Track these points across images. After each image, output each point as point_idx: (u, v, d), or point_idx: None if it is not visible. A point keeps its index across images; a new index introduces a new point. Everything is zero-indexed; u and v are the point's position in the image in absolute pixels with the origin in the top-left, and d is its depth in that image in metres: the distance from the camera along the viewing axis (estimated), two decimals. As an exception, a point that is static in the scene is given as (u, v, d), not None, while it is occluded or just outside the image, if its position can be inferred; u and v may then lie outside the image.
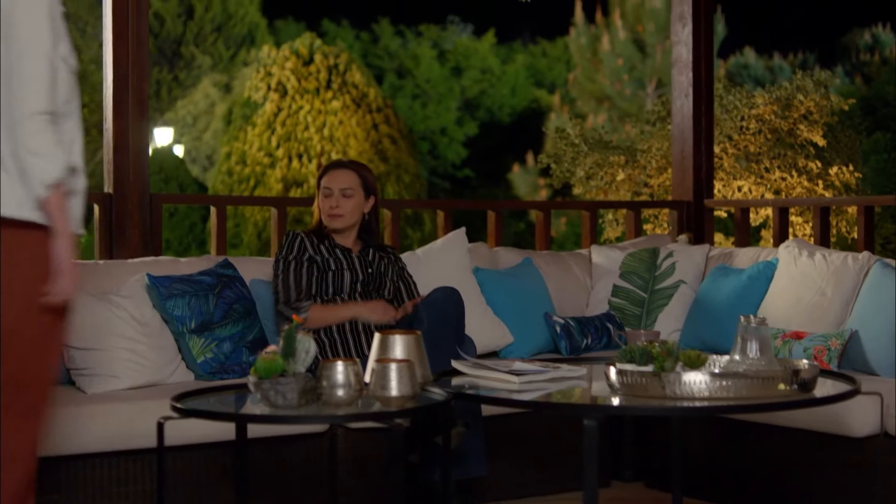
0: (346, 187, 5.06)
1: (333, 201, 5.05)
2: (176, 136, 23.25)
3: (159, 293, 4.81)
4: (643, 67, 23.33)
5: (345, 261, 5.02)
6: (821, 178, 8.26)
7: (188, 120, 24.16)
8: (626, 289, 5.93)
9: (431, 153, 28.17)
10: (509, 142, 28.39)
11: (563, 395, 3.86)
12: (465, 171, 28.51)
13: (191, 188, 16.06)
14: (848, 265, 5.27)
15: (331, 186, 5.07)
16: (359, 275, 5.01)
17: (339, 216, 5.04)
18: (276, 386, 3.41)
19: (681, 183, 6.92)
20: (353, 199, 5.06)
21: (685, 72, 6.88)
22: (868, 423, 4.47)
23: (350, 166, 5.13)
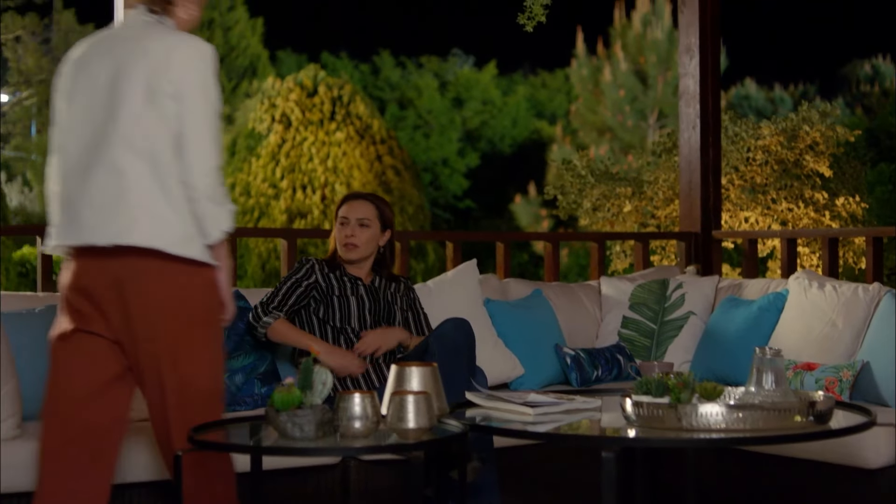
0: (363, 217, 5.07)
1: (349, 230, 5.05)
2: (179, 167, 23.30)
3: None
4: (645, 99, 23.39)
5: (351, 288, 5.02)
6: (827, 209, 8.27)
7: (190, 151, 24.18)
8: (635, 320, 5.94)
9: (433, 184, 28.21)
10: (511, 173, 28.44)
11: (579, 427, 3.86)
12: (466, 201, 28.54)
13: (194, 219, 16.06)
14: (858, 296, 5.28)
15: (348, 216, 5.08)
16: (365, 302, 5.01)
17: (355, 246, 5.04)
18: (293, 418, 3.41)
19: (689, 214, 6.93)
20: (370, 230, 5.06)
21: (692, 104, 6.91)
22: (882, 454, 4.47)
23: (368, 198, 5.14)
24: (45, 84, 22.98)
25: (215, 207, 3.43)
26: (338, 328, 4.95)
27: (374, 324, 4.99)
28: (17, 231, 12.85)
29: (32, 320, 4.67)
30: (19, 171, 24.34)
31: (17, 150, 24.46)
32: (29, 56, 22.11)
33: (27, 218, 22.28)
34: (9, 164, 24.11)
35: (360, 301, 5.01)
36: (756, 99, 26.70)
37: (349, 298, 5.00)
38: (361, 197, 5.15)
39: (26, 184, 24.00)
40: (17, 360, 4.45)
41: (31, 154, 24.42)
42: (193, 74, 3.44)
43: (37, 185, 23.68)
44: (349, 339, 4.95)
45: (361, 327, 4.97)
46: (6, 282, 13.26)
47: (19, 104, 23.18)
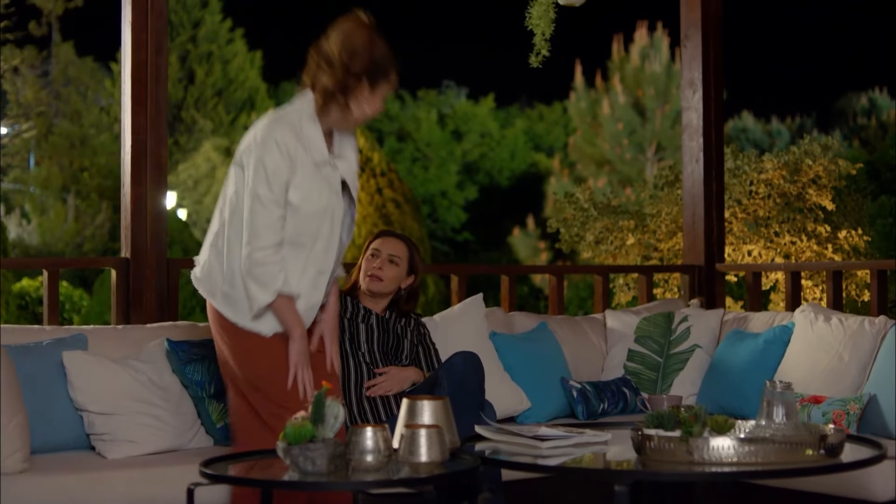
0: (395, 255, 5.09)
1: (378, 263, 5.07)
2: (178, 199, 23.32)
3: (178, 358, 4.82)
4: (643, 131, 23.45)
5: (363, 316, 5.03)
6: (830, 242, 8.29)
7: (189, 183, 24.25)
8: (641, 353, 5.94)
9: (431, 216, 28.25)
10: (509, 205, 28.48)
11: (590, 461, 3.85)
12: (464, 234, 28.58)
13: (195, 251, 16.06)
14: (864, 329, 5.28)
15: (380, 249, 5.11)
16: (374, 332, 5.02)
17: (380, 280, 5.06)
18: (305, 452, 3.41)
19: (692, 247, 6.94)
20: (398, 268, 5.09)
21: (695, 137, 6.93)
22: (889, 488, 4.47)
23: (403, 240, 5.19)
24: (44, 116, 23.04)
25: (251, 283, 3.94)
26: (348, 350, 4.96)
27: (381, 355, 5.00)
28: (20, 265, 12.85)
29: (40, 353, 4.67)
30: (18, 203, 24.35)
31: (16, 182, 24.47)
32: (28, 88, 22.14)
33: (25, 250, 22.27)
34: (7, 197, 24.12)
35: (369, 330, 5.02)
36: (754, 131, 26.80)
37: (359, 325, 5.01)
38: (397, 236, 5.19)
39: (24, 216, 24.00)
40: (25, 392, 4.45)
41: (30, 186, 24.44)
42: (251, 157, 3.95)
43: (35, 217, 23.69)
44: (358, 363, 4.95)
45: (370, 357, 4.97)
46: (6, 314, 13.25)
47: (18, 136, 23.20)
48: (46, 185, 23.97)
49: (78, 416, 4.63)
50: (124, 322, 5.47)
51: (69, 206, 23.43)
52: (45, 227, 23.35)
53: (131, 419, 4.60)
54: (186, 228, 16.29)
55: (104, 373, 4.66)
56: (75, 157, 23.81)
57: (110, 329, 5.07)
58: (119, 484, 4.28)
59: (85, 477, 4.26)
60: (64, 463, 4.39)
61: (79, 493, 4.20)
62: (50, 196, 23.98)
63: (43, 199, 24.07)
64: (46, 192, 23.99)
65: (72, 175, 23.83)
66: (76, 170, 23.82)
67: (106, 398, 4.61)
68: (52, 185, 23.88)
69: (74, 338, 4.83)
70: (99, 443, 4.59)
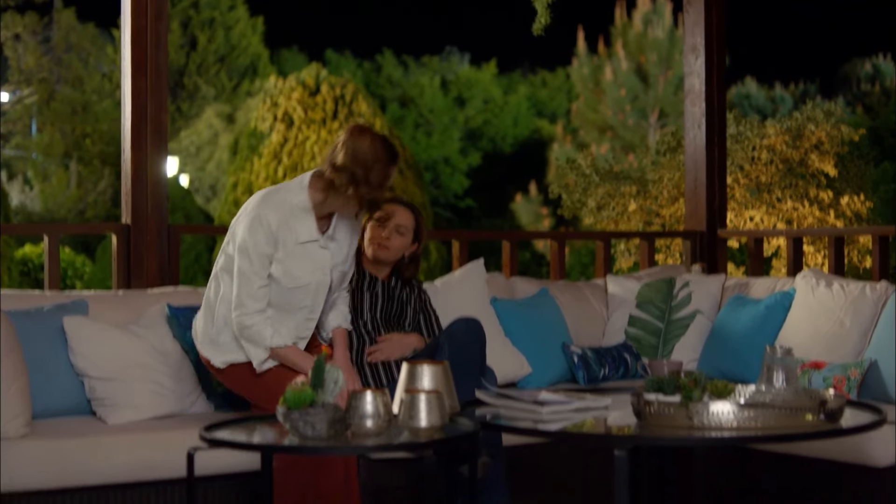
0: (402, 226, 5.07)
1: (386, 233, 5.05)
2: (180, 166, 23.29)
3: (179, 323, 4.82)
4: (646, 98, 23.38)
5: (368, 284, 5.03)
6: (832, 208, 8.27)
7: (192, 150, 24.22)
8: (642, 319, 5.94)
9: (434, 183, 28.20)
10: (512, 172, 28.42)
11: (591, 426, 3.86)
12: (467, 200, 28.54)
13: (197, 218, 16.09)
14: (866, 295, 5.28)
15: (388, 218, 5.08)
16: (379, 300, 5.02)
17: (386, 248, 5.05)
18: (305, 416, 3.41)
19: (694, 213, 6.93)
20: (404, 238, 5.08)
21: (698, 103, 6.90)
22: (889, 453, 4.47)
23: (412, 209, 5.15)
24: (46, 83, 22.98)
25: (245, 344, 4.33)
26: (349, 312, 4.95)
27: (384, 323, 4.99)
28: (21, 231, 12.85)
29: (40, 318, 4.68)
30: (20, 169, 24.34)
31: (18, 149, 24.45)
32: (29, 55, 22.09)
33: (28, 217, 22.27)
34: (9, 163, 24.11)
35: (373, 298, 5.02)
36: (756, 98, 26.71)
37: (364, 293, 5.01)
38: (406, 205, 5.15)
39: (27, 183, 23.99)
40: (25, 358, 4.45)
41: (32, 153, 24.42)
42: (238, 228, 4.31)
43: (37, 184, 23.69)
44: (360, 332, 4.95)
45: (372, 325, 4.97)
46: (8, 280, 13.26)
47: (20, 103, 23.16)
48: (49, 151, 23.95)
49: (79, 381, 4.64)
50: (125, 287, 5.47)
51: (71, 173, 23.43)
52: (48, 194, 23.35)
53: (132, 385, 4.60)
54: (189, 195, 16.28)
55: (105, 338, 4.66)
56: (77, 123, 23.78)
57: (111, 295, 5.07)
58: (120, 448, 4.28)
59: (86, 441, 4.26)
60: (65, 428, 4.39)
61: (80, 457, 4.22)
62: (52, 162, 23.97)
63: (45, 166, 24.06)
64: (49, 158, 23.98)
65: (74, 141, 23.80)
66: (78, 136, 23.79)
67: (107, 364, 4.61)
68: (55, 152, 23.86)
69: (75, 303, 4.83)
70: (100, 408, 4.59)
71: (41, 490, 4.16)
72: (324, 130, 17.52)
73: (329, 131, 17.50)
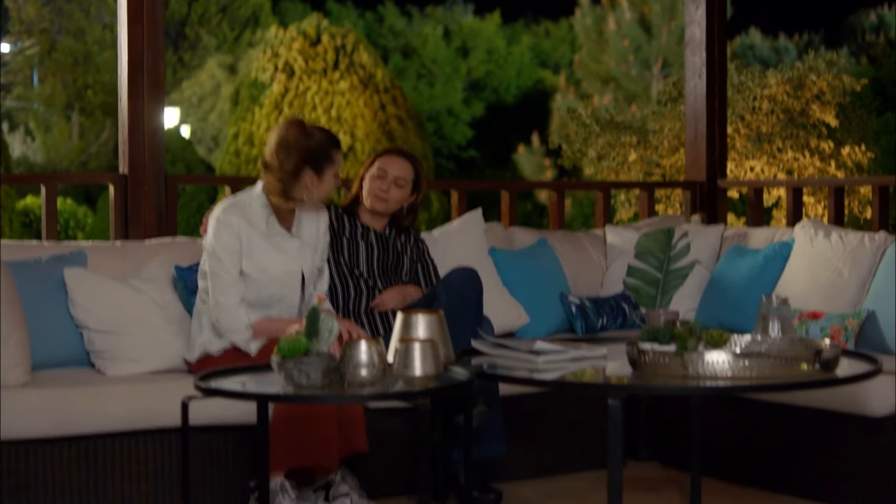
0: (401, 178, 5.06)
1: (385, 185, 5.04)
2: (182, 116, 23.24)
3: (186, 287, 4.82)
4: (649, 48, 23.25)
5: (362, 234, 5.02)
6: (833, 158, 8.24)
7: (193, 101, 24.15)
8: (641, 269, 5.93)
9: (437, 133, 28.12)
10: (515, 122, 28.32)
11: (586, 375, 3.86)
12: (470, 151, 28.46)
13: (198, 169, 16.06)
14: (864, 245, 5.26)
15: (387, 171, 5.06)
16: (374, 250, 5.01)
17: (385, 201, 5.04)
18: (299, 365, 3.42)
19: (694, 163, 6.91)
20: (403, 190, 5.06)
21: (698, 52, 6.86)
22: (886, 403, 4.48)
23: (411, 160, 5.13)
24: (47, 33, 22.90)
25: (229, 335, 4.46)
26: (346, 270, 4.95)
27: (380, 272, 4.99)
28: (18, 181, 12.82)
29: (39, 269, 4.67)
30: (21, 120, 24.29)
31: (20, 100, 24.40)
32: (30, 5, 22.00)
33: (30, 168, 22.25)
34: (11, 115, 24.06)
35: (369, 247, 5.01)
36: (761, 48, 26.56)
37: (359, 243, 5.00)
38: (404, 156, 5.13)
39: (28, 134, 23.96)
40: (24, 309, 4.46)
41: (34, 103, 24.37)
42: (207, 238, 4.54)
43: (39, 135, 23.65)
44: (357, 283, 4.95)
45: (369, 275, 4.97)
46: (10, 231, 13.26)
47: (21, 53, 23.10)
48: (50, 102, 23.90)
49: (78, 333, 4.65)
50: (123, 238, 5.47)
51: (73, 124, 23.40)
52: (50, 145, 23.33)
53: (131, 337, 4.61)
54: (189, 146, 16.23)
55: (105, 291, 4.66)
56: (79, 74, 23.70)
57: (109, 245, 5.07)
58: (118, 397, 4.30)
59: (85, 391, 4.29)
60: (64, 378, 4.41)
61: (79, 406, 4.24)
62: (54, 114, 23.92)
63: (47, 117, 24.01)
64: (50, 109, 23.93)
65: (75, 92, 23.74)
66: (80, 87, 23.72)
67: (106, 316, 4.62)
68: (56, 103, 23.81)
69: (73, 254, 4.82)
70: (99, 360, 4.60)
71: (40, 438, 4.19)
72: (325, 81, 17.44)
73: (330, 81, 17.42)
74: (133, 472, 4.33)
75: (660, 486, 5.08)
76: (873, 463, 4.54)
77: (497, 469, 4.95)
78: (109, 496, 4.30)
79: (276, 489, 4.13)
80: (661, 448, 5.48)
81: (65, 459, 4.24)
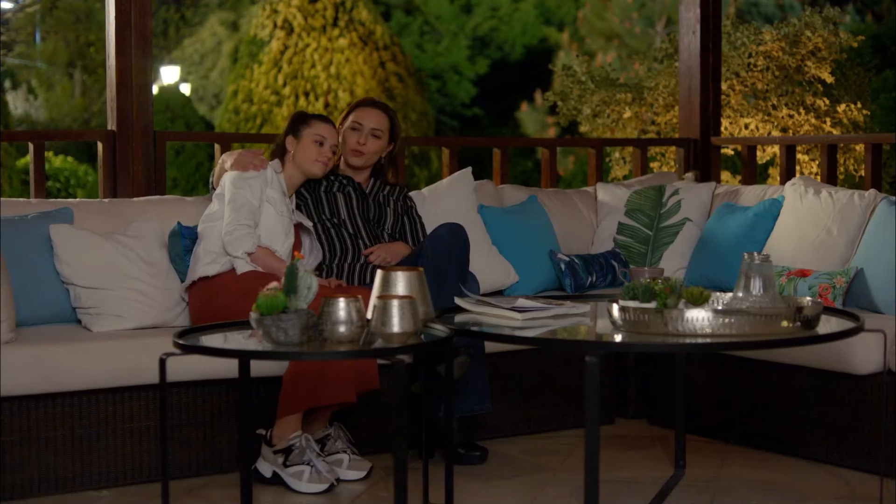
0: (377, 129, 5.06)
1: (361, 138, 5.03)
2: (183, 74, 23.16)
3: (183, 245, 4.83)
4: (653, 5, 23.12)
5: (339, 186, 5.01)
6: (829, 116, 8.19)
7: (195, 58, 24.06)
8: (631, 226, 5.91)
9: (440, 91, 28.02)
10: (519, 80, 28.21)
11: (566, 332, 3.86)
12: (474, 109, 28.36)
13: (198, 126, 16.00)
14: (854, 203, 5.24)
15: (362, 123, 5.05)
16: (353, 198, 5.00)
17: (362, 154, 5.03)
18: (277, 322, 3.41)
19: (688, 120, 6.87)
20: (380, 141, 5.06)
21: (692, 8, 6.81)
22: (872, 361, 4.48)
23: (384, 110, 5.13)
24: (49, -10, 22.79)
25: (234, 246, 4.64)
26: (328, 223, 4.94)
27: (363, 223, 4.98)
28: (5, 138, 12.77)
29: (24, 226, 4.67)
30: (24, 78, 24.23)
31: (22, 58, 24.33)
32: (32, -39, 21.90)
33: (32, 126, 22.21)
34: (13, 72, 23.99)
35: (347, 197, 5.01)
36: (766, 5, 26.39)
37: (335, 195, 5.00)
38: (378, 107, 5.13)
39: (31, 92, 23.90)
40: (11, 266, 4.46)
41: (36, 61, 24.29)
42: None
43: (42, 93, 23.59)
44: (340, 232, 4.94)
45: (352, 223, 4.96)
46: (10, 189, 13.25)
47: (22, 11, 23.00)
48: (52, 60, 23.82)
49: (64, 289, 4.65)
50: (111, 196, 5.46)
51: (76, 82, 23.33)
52: (52, 103, 23.27)
53: (117, 294, 4.61)
54: (189, 103, 16.18)
55: (91, 247, 4.66)
56: (81, 31, 23.59)
57: (96, 202, 5.06)
58: (104, 354, 4.31)
59: (69, 347, 4.30)
60: (50, 335, 4.42)
61: (64, 362, 4.25)
62: (56, 71, 23.85)
63: (49, 75, 23.94)
64: (53, 67, 23.85)
65: (78, 50, 23.66)
66: (82, 45, 23.62)
67: (92, 272, 4.62)
68: (59, 61, 23.73)
69: (60, 211, 4.82)
70: (85, 316, 4.61)
71: (24, 395, 4.21)
72: (324, 38, 17.37)
73: (329, 39, 17.35)
74: (118, 429, 4.35)
75: (646, 444, 5.09)
76: (858, 421, 4.55)
77: (483, 426, 4.97)
78: (94, 453, 4.32)
79: (302, 445, 4.29)
80: (649, 406, 5.49)
81: (49, 416, 4.25)
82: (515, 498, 4.30)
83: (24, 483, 4.22)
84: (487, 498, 4.31)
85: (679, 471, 4.42)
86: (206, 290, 4.62)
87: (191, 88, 23.08)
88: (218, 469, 4.52)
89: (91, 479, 4.32)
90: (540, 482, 4.49)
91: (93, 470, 4.32)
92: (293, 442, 4.31)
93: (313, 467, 4.28)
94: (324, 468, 4.30)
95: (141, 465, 4.39)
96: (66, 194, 15.01)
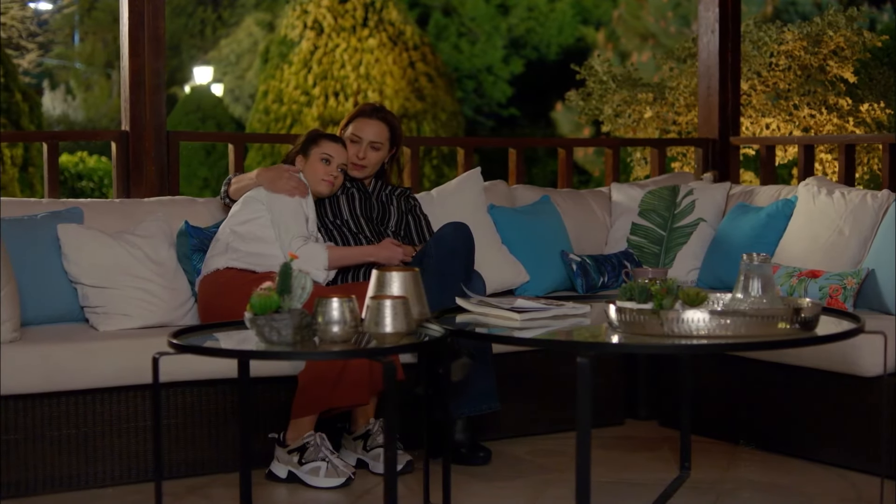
0: (376, 141, 5.04)
1: (361, 152, 5.01)
2: (218, 74, 23.26)
3: (191, 244, 4.85)
4: (688, 5, 23.02)
5: (344, 186, 5.00)
6: (851, 116, 8.12)
7: (231, 59, 24.18)
8: (644, 227, 5.88)
9: (476, 91, 28.01)
10: (555, 80, 28.14)
11: (563, 334, 3.85)
12: (510, 109, 28.33)
13: (229, 127, 16.08)
14: (867, 203, 5.20)
15: (361, 136, 5.03)
16: (356, 198, 5.00)
17: (363, 167, 5.02)
18: (271, 322, 3.42)
19: (706, 120, 6.84)
20: (380, 152, 5.04)
21: (711, 7, 6.78)
22: (877, 363, 4.43)
23: (383, 119, 5.07)
24: (88, -9, 22.96)
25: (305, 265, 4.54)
26: (331, 225, 4.94)
27: (367, 222, 4.98)
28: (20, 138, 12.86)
29: (32, 226, 4.70)
30: (62, 79, 24.42)
31: (60, 59, 24.52)
32: (69, -36, 22.07)
33: (70, 126, 22.37)
34: (52, 73, 24.18)
35: (349, 197, 5.00)
36: (803, 4, 26.21)
37: (338, 197, 4.99)
38: (377, 116, 5.07)
39: (69, 92, 24.07)
40: (19, 265, 4.49)
41: (74, 62, 24.47)
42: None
43: (80, 93, 23.76)
44: (343, 233, 4.94)
45: (355, 224, 4.96)
46: (41, 189, 13.36)
47: (61, 12, 23.18)
48: (90, 60, 23.99)
49: (72, 288, 4.68)
50: (125, 196, 5.49)
51: (113, 82, 23.49)
52: (90, 103, 23.44)
53: (125, 293, 4.63)
54: (220, 103, 16.25)
55: (99, 246, 4.68)
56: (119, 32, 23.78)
57: (107, 202, 5.10)
58: (109, 353, 4.33)
59: (75, 347, 4.32)
60: (55, 334, 4.44)
61: (67, 361, 4.27)
62: (94, 72, 24.02)
63: (87, 75, 24.12)
64: (91, 68, 24.03)
65: (116, 50, 23.80)
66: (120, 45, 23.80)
67: (100, 271, 4.64)
68: (97, 61, 23.90)
69: (70, 211, 4.85)
70: (92, 315, 4.64)
71: (29, 394, 4.23)
72: (353, 38, 17.40)
73: (359, 39, 17.37)
74: (122, 428, 4.37)
75: (654, 446, 5.07)
76: (864, 423, 4.51)
77: (488, 427, 4.96)
78: (98, 451, 4.34)
79: (316, 442, 4.32)
80: (659, 408, 5.47)
81: (54, 415, 4.28)
82: (517, 499, 4.29)
83: (27, 481, 4.24)
84: (490, 499, 4.30)
85: (684, 472, 4.40)
86: (214, 286, 4.64)
87: (226, 89, 23.18)
88: (220, 468, 4.53)
89: (95, 478, 4.34)
90: (543, 483, 4.48)
91: (97, 468, 4.34)
92: (307, 440, 4.33)
93: (329, 463, 4.30)
94: (339, 463, 4.32)
95: (146, 464, 4.41)
96: (100, 194, 15.12)
